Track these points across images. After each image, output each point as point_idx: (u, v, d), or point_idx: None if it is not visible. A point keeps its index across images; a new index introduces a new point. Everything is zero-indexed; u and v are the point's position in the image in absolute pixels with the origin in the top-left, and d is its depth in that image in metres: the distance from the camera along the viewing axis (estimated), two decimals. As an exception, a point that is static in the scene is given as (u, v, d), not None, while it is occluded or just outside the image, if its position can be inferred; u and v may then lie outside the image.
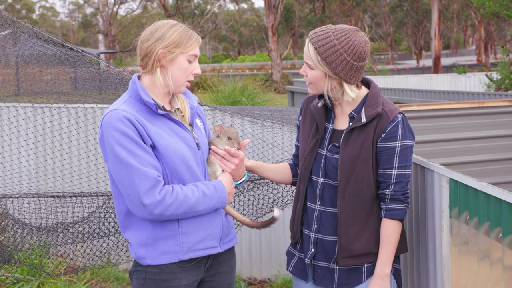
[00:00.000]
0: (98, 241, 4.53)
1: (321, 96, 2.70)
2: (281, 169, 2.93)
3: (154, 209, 2.35)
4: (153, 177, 2.35)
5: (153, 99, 2.48)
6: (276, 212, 2.79)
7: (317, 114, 2.67)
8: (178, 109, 2.61)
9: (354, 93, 2.56)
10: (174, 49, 2.45)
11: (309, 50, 2.53)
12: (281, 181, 2.95)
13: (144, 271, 2.51)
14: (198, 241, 2.51)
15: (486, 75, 17.97)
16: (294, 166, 2.93)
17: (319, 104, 2.68)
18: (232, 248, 2.74)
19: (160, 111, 2.47)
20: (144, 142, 2.39)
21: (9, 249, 4.15)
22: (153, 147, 2.42)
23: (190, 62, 2.50)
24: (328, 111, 2.69)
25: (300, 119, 2.83)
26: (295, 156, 2.92)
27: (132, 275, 2.58)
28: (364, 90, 2.64)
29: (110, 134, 2.37)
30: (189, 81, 2.53)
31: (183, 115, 2.61)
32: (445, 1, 46.27)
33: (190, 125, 2.63)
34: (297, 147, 2.90)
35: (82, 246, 4.92)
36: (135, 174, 2.33)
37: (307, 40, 2.56)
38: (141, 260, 2.50)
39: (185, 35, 2.47)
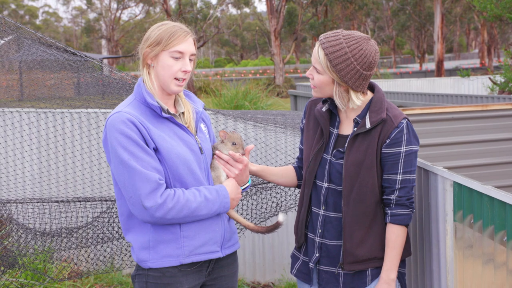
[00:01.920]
0: (102, 246, 4.54)
1: (325, 101, 2.69)
2: (286, 173, 2.92)
3: (155, 212, 2.36)
4: (154, 180, 2.35)
5: (157, 102, 2.49)
6: (281, 217, 2.79)
7: (322, 119, 2.67)
8: (182, 113, 2.61)
9: (359, 101, 2.56)
10: (155, 47, 2.46)
11: (318, 54, 2.51)
12: (286, 185, 2.95)
13: (146, 275, 2.51)
14: (199, 245, 2.51)
15: (490, 78, 17.94)
16: (298, 169, 2.92)
17: (324, 109, 2.68)
18: (234, 253, 2.74)
19: (164, 114, 2.47)
20: (147, 145, 2.40)
21: (13, 254, 4.16)
22: (156, 150, 2.42)
23: (176, 59, 2.47)
24: (333, 116, 2.68)
25: (303, 122, 2.83)
26: (299, 159, 2.92)
27: (134, 279, 2.59)
28: (368, 95, 2.63)
29: (114, 136, 2.38)
30: (178, 79, 2.49)
31: (188, 125, 2.60)
32: (447, 5, 46.27)
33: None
34: (301, 150, 2.90)
35: (86, 251, 4.92)
36: (137, 177, 2.34)
37: (317, 44, 2.54)
38: (143, 263, 2.50)
39: (167, 32, 2.47)
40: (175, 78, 2.48)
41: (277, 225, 2.80)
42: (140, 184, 2.34)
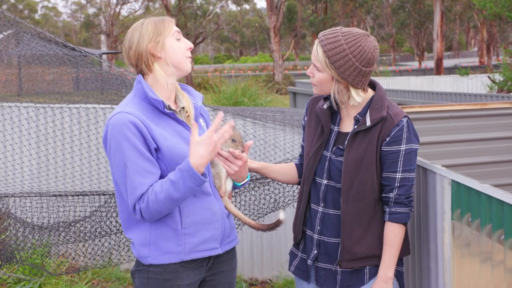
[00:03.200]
0: (99, 240, 4.53)
1: (326, 98, 2.69)
2: (287, 170, 2.92)
3: (141, 217, 2.41)
4: (140, 193, 2.37)
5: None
6: (282, 215, 2.78)
7: (323, 116, 2.67)
8: (183, 108, 2.61)
9: (360, 98, 2.56)
10: (159, 37, 2.47)
11: (317, 52, 2.51)
12: (287, 182, 2.95)
13: (146, 271, 2.51)
14: (200, 242, 2.52)
15: (489, 76, 17.95)
16: (300, 166, 2.92)
17: (325, 106, 2.68)
18: (233, 248, 2.74)
19: (166, 110, 2.47)
20: (149, 146, 2.40)
21: (11, 248, 4.16)
22: (157, 149, 2.43)
23: (178, 40, 2.51)
24: (334, 113, 2.69)
25: (305, 119, 2.83)
26: (301, 156, 2.92)
27: (134, 274, 2.58)
28: (369, 93, 2.63)
29: (114, 138, 2.38)
30: (188, 58, 2.55)
31: (188, 115, 2.60)
32: (447, 3, 46.26)
33: None
34: (303, 148, 2.89)
35: (83, 246, 4.92)
36: (129, 185, 2.38)
37: (316, 41, 2.54)
38: (143, 259, 2.50)
39: (158, 21, 2.50)
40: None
41: (278, 223, 2.80)
42: (129, 193, 2.39)
